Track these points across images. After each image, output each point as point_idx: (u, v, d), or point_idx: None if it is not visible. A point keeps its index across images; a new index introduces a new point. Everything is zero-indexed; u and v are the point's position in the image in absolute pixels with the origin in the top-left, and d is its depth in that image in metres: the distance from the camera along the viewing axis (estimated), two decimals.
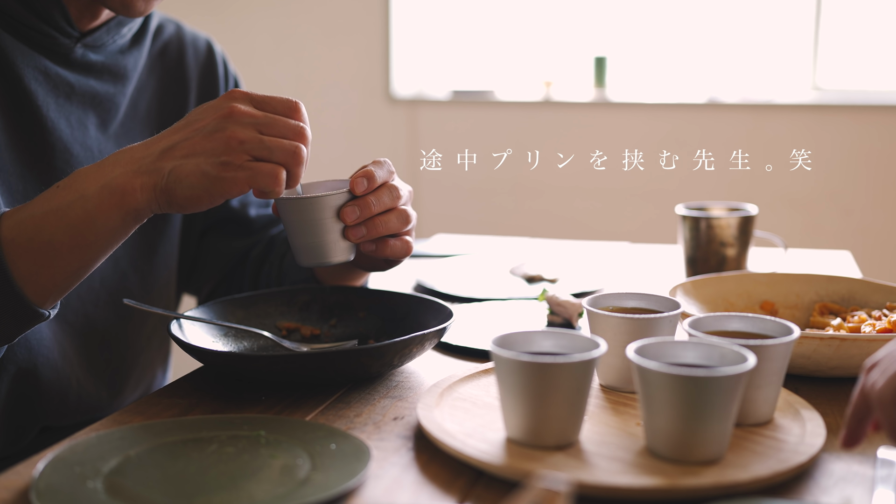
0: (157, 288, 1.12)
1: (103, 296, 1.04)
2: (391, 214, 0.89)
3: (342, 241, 0.88)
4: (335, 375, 0.85)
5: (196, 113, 0.81)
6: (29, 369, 0.96)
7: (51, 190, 0.81)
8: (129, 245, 1.06)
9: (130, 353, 1.09)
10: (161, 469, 0.68)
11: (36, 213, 0.79)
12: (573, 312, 1.08)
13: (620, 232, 2.83)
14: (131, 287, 1.07)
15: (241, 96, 0.80)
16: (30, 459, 0.70)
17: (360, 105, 3.15)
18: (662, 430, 0.67)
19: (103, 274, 1.03)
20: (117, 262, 1.05)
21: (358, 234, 0.88)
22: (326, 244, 0.88)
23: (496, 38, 3.19)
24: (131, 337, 1.09)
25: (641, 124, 2.98)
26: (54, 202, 0.79)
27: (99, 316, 1.04)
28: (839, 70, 2.96)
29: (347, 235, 0.88)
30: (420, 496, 0.65)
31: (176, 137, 0.79)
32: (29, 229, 0.79)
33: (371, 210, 0.87)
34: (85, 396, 1.03)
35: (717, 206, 1.37)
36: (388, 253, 0.91)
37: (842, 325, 0.96)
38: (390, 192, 0.89)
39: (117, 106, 1.04)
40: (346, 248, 0.89)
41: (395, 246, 0.91)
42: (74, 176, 0.80)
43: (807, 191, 2.88)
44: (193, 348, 0.85)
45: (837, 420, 0.79)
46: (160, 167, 0.78)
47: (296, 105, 0.82)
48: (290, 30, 3.16)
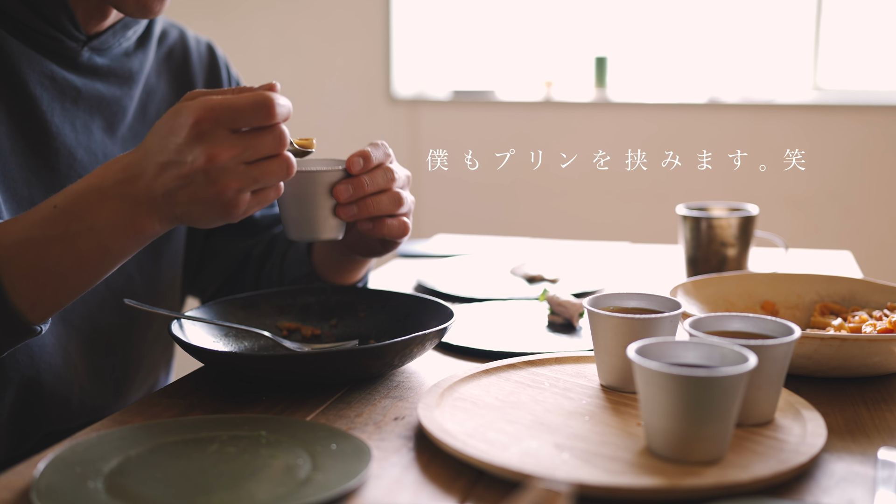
0: (162, 290, 1.12)
1: (109, 299, 1.04)
2: (384, 196, 0.90)
3: (333, 219, 0.89)
4: (336, 375, 0.85)
5: (166, 126, 0.77)
6: (32, 377, 0.96)
7: (48, 210, 0.78)
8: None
9: (135, 356, 1.09)
10: (162, 469, 0.68)
11: (37, 237, 0.78)
12: (574, 312, 1.08)
13: (621, 232, 2.83)
14: (136, 290, 1.07)
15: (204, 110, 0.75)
16: (30, 459, 0.70)
17: (360, 105, 3.15)
18: (663, 430, 0.67)
19: (109, 278, 1.03)
20: (123, 266, 1.05)
21: (349, 213, 0.89)
22: (317, 219, 0.89)
23: (497, 38, 3.19)
24: (136, 340, 1.09)
25: (642, 124, 2.98)
26: (57, 228, 0.78)
27: (104, 319, 1.04)
28: (840, 70, 2.96)
29: (338, 213, 0.89)
30: (421, 496, 0.65)
31: (168, 179, 0.76)
32: (30, 254, 0.78)
33: (364, 190, 0.88)
34: (88, 400, 1.03)
35: (717, 206, 1.37)
36: (385, 232, 0.91)
37: (843, 326, 0.96)
38: (385, 173, 0.90)
39: (125, 109, 1.05)
40: (336, 225, 0.90)
41: (391, 225, 0.91)
42: (74, 199, 0.78)
43: (807, 191, 2.88)
44: (194, 348, 0.85)
45: (838, 420, 0.79)
46: (170, 211, 0.78)
47: (265, 101, 0.76)
48: (291, 30, 3.16)
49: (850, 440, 0.75)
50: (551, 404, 0.80)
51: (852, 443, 0.74)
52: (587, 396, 0.82)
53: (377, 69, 3.14)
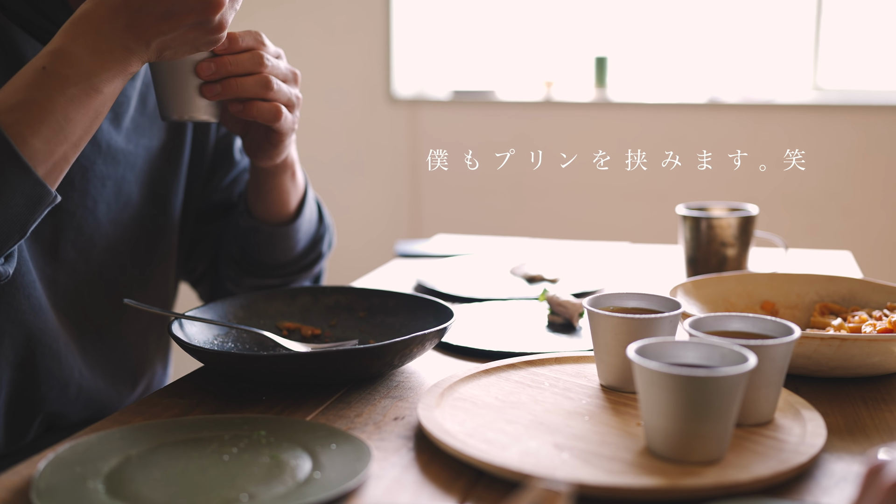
0: (156, 279, 1.13)
1: (101, 288, 1.05)
2: (250, 78, 0.93)
3: (200, 98, 0.93)
4: (336, 375, 0.85)
5: None
6: (28, 357, 0.97)
7: (40, 76, 0.80)
8: (129, 240, 1.07)
9: (127, 346, 1.10)
10: (162, 469, 0.68)
11: (39, 98, 0.79)
12: (574, 312, 1.08)
13: (621, 232, 2.83)
14: (129, 280, 1.08)
15: None
16: (30, 459, 0.71)
17: (360, 105, 3.15)
18: (663, 430, 0.67)
19: (102, 267, 1.05)
20: (117, 255, 1.06)
21: (213, 91, 0.92)
22: (186, 98, 0.92)
23: (497, 38, 3.19)
24: (127, 330, 1.10)
25: (642, 124, 2.98)
26: (54, 86, 0.79)
27: (96, 308, 1.05)
28: (840, 70, 2.96)
29: (203, 92, 0.92)
30: (420, 496, 0.65)
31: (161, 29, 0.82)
32: (35, 113, 0.79)
33: (227, 68, 0.91)
34: (86, 387, 1.03)
35: (717, 206, 1.37)
36: (255, 114, 0.94)
37: (842, 326, 0.96)
38: (253, 57, 0.93)
39: (128, 100, 1.06)
40: (205, 105, 0.93)
41: (261, 107, 0.94)
42: (64, 58, 0.80)
43: (807, 191, 2.88)
44: (194, 348, 0.85)
45: (838, 420, 0.79)
46: (148, 41, 0.82)
47: None
48: (291, 30, 3.16)
49: (850, 440, 0.75)
50: (551, 404, 0.80)
51: (852, 443, 0.74)
52: (587, 396, 0.82)
53: (377, 69, 3.14)
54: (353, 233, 3.13)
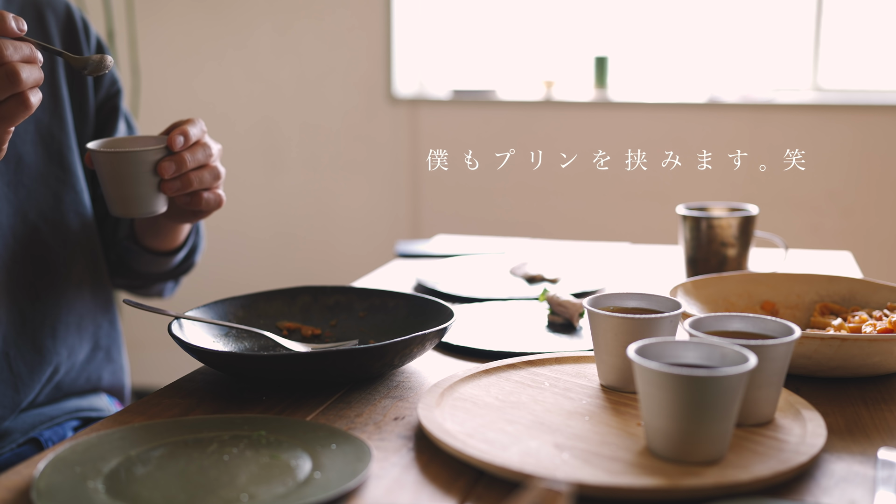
0: (78, 240, 1.12)
1: (19, 251, 1.05)
2: (204, 171, 0.97)
3: (157, 194, 0.95)
4: (336, 375, 0.85)
5: None
6: None
7: None
8: (34, 198, 1.07)
9: (57, 304, 1.09)
10: (162, 469, 0.68)
11: None
12: (574, 312, 1.08)
13: (621, 232, 2.83)
14: (46, 239, 1.08)
15: None
16: (30, 459, 0.71)
17: (361, 105, 3.15)
18: (663, 430, 0.67)
19: (14, 229, 1.05)
20: (25, 215, 1.06)
21: (173, 188, 0.95)
22: (142, 196, 0.95)
23: (497, 37, 3.19)
24: (58, 290, 1.09)
25: (642, 124, 2.98)
26: None
27: (19, 270, 1.05)
28: (840, 70, 2.96)
29: (163, 189, 0.95)
30: (421, 496, 0.65)
31: None
32: None
33: (186, 165, 0.95)
34: (21, 358, 1.04)
35: (717, 206, 1.37)
36: (203, 206, 1.00)
37: (843, 326, 0.96)
38: (204, 149, 0.97)
39: None
40: (160, 200, 0.96)
41: (208, 199, 1.00)
42: None
43: (807, 191, 2.88)
44: (194, 348, 0.85)
45: (838, 420, 0.79)
46: None
47: None
48: (291, 30, 3.16)
49: (850, 440, 0.75)
50: (551, 404, 0.80)
51: (852, 443, 0.74)
52: (587, 396, 0.82)
53: (377, 69, 3.14)
54: (353, 233, 3.13)
